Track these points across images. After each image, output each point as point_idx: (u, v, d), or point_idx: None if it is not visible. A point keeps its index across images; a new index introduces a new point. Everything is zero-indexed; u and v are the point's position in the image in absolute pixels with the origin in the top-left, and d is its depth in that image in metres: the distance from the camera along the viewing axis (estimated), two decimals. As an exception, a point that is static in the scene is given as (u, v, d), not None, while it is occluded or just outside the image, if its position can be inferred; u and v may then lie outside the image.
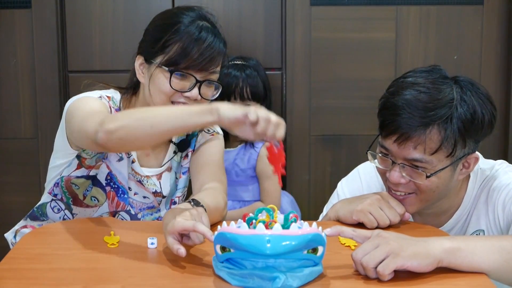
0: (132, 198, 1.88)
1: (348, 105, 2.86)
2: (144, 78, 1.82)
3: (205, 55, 1.75)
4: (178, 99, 1.78)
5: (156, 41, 1.78)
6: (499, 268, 1.36)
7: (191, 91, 1.76)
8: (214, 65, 1.77)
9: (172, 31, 1.76)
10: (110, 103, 1.83)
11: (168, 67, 1.75)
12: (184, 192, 1.99)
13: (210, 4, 2.80)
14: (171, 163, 1.93)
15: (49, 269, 1.39)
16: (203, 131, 1.94)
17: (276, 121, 1.41)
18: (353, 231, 1.40)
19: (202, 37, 1.75)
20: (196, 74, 1.76)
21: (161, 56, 1.76)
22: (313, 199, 2.91)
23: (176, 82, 1.76)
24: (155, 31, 1.82)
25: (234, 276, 1.31)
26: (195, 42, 1.74)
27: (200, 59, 1.74)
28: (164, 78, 1.76)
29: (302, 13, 2.80)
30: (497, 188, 1.68)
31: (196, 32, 1.76)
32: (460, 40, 2.84)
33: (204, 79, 1.77)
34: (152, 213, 1.93)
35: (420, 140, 1.58)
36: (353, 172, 1.91)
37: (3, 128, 2.92)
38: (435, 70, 1.65)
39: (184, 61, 1.74)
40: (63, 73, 2.86)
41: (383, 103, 1.65)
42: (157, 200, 1.91)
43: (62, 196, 1.88)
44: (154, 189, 1.90)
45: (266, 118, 1.40)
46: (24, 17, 2.80)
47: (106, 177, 1.85)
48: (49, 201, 1.90)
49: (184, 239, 1.43)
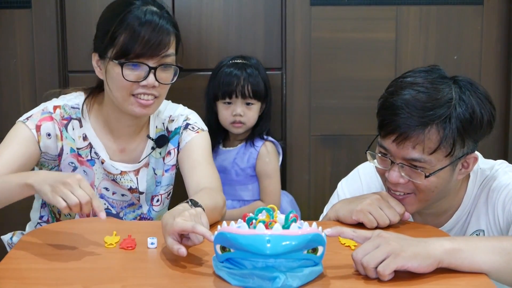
0: (111, 198, 1.89)
1: (348, 105, 2.86)
2: (102, 74, 1.80)
3: (152, 39, 1.71)
4: (137, 90, 1.75)
5: (105, 35, 1.75)
6: (500, 269, 1.36)
7: (147, 78, 1.73)
8: (164, 48, 1.74)
9: (117, 21, 1.73)
10: (58, 113, 1.83)
11: (118, 59, 1.72)
12: (169, 190, 1.98)
13: (210, 4, 2.81)
14: (148, 159, 1.92)
15: (49, 269, 1.39)
16: (188, 129, 1.92)
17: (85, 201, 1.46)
18: (353, 232, 1.40)
19: (148, 20, 1.72)
20: (148, 61, 1.73)
21: (111, 49, 1.74)
22: (313, 199, 2.91)
23: (129, 74, 1.73)
24: (103, 25, 1.79)
25: (234, 276, 1.31)
26: (141, 27, 1.71)
27: (148, 44, 1.71)
28: (117, 72, 1.74)
29: (302, 13, 2.80)
30: (497, 188, 1.68)
31: (141, 16, 1.72)
32: (460, 40, 2.84)
33: (158, 64, 1.74)
34: (134, 210, 1.93)
35: (418, 140, 1.57)
36: (353, 172, 1.91)
37: (3, 128, 2.92)
38: (434, 70, 1.65)
39: (133, 50, 1.71)
40: (63, 73, 2.85)
41: (382, 103, 1.65)
42: (135, 196, 1.91)
43: (48, 217, 1.91)
44: (130, 185, 1.89)
45: (75, 204, 1.45)
46: (24, 17, 2.79)
47: None
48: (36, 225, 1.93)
49: (183, 240, 1.43)
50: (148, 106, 1.77)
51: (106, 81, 1.79)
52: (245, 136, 2.66)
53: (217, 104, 2.63)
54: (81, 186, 1.47)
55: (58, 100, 1.87)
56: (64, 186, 1.45)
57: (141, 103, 1.76)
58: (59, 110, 1.84)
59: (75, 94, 1.90)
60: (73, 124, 1.85)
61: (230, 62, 2.62)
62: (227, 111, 2.60)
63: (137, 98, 1.76)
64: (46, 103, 1.87)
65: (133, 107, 1.78)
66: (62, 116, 1.83)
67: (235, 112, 2.58)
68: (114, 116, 1.85)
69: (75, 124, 1.85)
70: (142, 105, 1.77)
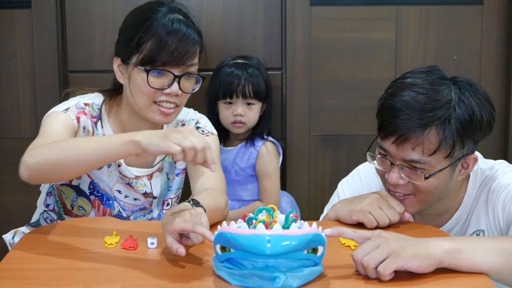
0: (123, 201, 1.88)
1: (348, 105, 2.86)
2: (124, 79, 1.79)
3: (179, 48, 1.71)
4: (159, 98, 1.75)
5: (130, 40, 1.75)
6: (500, 269, 1.36)
7: (171, 87, 1.73)
8: (191, 57, 1.74)
9: (144, 28, 1.73)
10: (86, 111, 1.80)
11: (144, 66, 1.72)
12: (179, 194, 1.98)
13: (210, 4, 2.81)
14: (162, 164, 1.92)
15: (49, 269, 1.39)
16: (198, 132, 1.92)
17: (201, 147, 1.39)
18: (353, 232, 1.40)
19: (175, 29, 1.72)
20: (173, 70, 1.73)
21: (136, 55, 1.74)
22: (313, 199, 2.91)
23: (154, 81, 1.73)
24: (128, 30, 1.79)
25: (234, 276, 1.31)
26: (168, 36, 1.71)
27: (175, 53, 1.71)
28: (141, 78, 1.73)
29: (302, 13, 2.80)
30: (497, 188, 1.68)
31: (168, 25, 1.72)
32: (460, 40, 2.84)
33: (183, 73, 1.74)
34: (144, 215, 1.92)
35: (418, 141, 1.57)
36: (353, 172, 1.91)
37: (3, 128, 2.92)
38: (433, 71, 1.65)
39: (160, 58, 1.71)
40: (63, 73, 2.85)
41: (382, 104, 1.65)
42: (148, 201, 1.91)
43: (54, 206, 1.89)
44: (144, 190, 1.89)
45: (191, 147, 1.38)
46: (24, 17, 2.79)
47: (88, 186, 1.84)
48: (42, 212, 1.91)
49: (183, 239, 1.43)
50: (169, 114, 1.77)
51: (128, 86, 1.78)
52: (245, 135, 2.66)
53: (218, 104, 2.63)
54: (194, 135, 1.42)
55: (84, 98, 1.85)
56: (177, 133, 1.40)
57: (163, 111, 1.76)
58: (88, 108, 1.83)
59: (94, 95, 1.89)
60: (99, 123, 1.85)
61: (231, 62, 2.62)
62: (228, 111, 2.60)
63: (159, 105, 1.76)
64: (76, 98, 1.84)
65: (154, 114, 1.77)
66: (91, 113, 1.83)
67: (235, 112, 2.58)
68: (131, 122, 1.84)
69: (99, 123, 1.85)
70: (163, 113, 1.77)
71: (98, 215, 1.85)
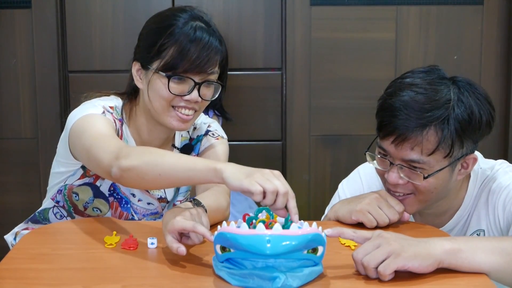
0: (136, 205, 1.87)
1: (348, 105, 2.86)
2: (143, 84, 1.78)
3: (202, 56, 1.71)
4: (178, 103, 1.74)
5: (151, 46, 1.74)
6: (500, 269, 1.36)
7: (191, 94, 1.73)
8: (212, 66, 1.73)
9: (167, 34, 1.72)
10: (114, 114, 1.79)
11: (166, 72, 1.71)
12: (187, 196, 1.98)
13: (210, 4, 2.81)
14: None
15: (49, 269, 1.39)
16: (208, 135, 1.92)
17: (284, 191, 1.35)
18: (354, 232, 1.40)
19: (198, 37, 1.71)
20: (195, 77, 1.72)
21: (158, 61, 1.72)
22: (313, 200, 2.91)
23: (174, 87, 1.72)
24: (149, 36, 1.77)
25: (234, 276, 1.31)
26: (191, 43, 1.70)
27: (197, 61, 1.70)
28: (162, 84, 1.72)
29: (302, 13, 2.80)
30: (497, 188, 1.68)
31: (191, 33, 1.71)
32: (460, 40, 2.84)
33: (203, 80, 1.74)
34: (155, 219, 1.92)
35: (417, 141, 1.57)
36: (354, 172, 1.91)
37: (3, 128, 2.92)
38: (433, 71, 1.65)
39: (181, 65, 1.70)
40: (63, 73, 2.86)
41: (381, 104, 1.65)
42: (162, 206, 1.91)
43: (64, 204, 1.88)
44: (160, 195, 1.89)
45: (273, 190, 1.34)
46: (24, 17, 2.79)
47: (109, 188, 1.84)
48: (52, 207, 1.90)
49: (183, 239, 1.43)
50: (187, 121, 1.76)
51: (146, 91, 1.77)
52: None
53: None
54: (279, 179, 1.38)
55: (106, 101, 1.83)
56: (262, 175, 1.37)
57: (181, 117, 1.75)
58: (113, 111, 1.82)
59: (112, 98, 1.86)
60: (124, 126, 1.84)
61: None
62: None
63: (177, 111, 1.75)
64: (100, 101, 1.81)
65: (171, 120, 1.76)
66: (116, 117, 1.82)
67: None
68: (146, 128, 1.83)
69: (124, 127, 1.84)
70: (181, 119, 1.76)
71: (114, 216, 1.84)
